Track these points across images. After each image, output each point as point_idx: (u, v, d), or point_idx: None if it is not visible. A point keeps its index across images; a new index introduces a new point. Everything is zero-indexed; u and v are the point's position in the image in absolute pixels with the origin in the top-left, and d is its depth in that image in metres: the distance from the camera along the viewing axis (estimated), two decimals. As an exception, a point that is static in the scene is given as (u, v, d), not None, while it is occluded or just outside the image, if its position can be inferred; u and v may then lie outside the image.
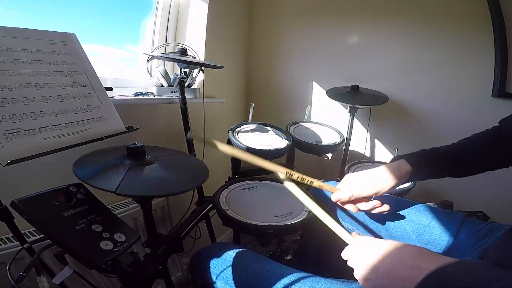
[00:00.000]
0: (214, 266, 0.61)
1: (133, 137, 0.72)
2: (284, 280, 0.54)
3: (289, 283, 0.53)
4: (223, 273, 0.59)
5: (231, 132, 1.05)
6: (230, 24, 1.52)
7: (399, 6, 1.36)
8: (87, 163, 0.61)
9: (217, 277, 0.59)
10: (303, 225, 0.75)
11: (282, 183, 0.62)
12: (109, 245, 0.47)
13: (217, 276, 0.60)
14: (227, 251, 0.63)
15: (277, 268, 0.57)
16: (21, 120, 0.51)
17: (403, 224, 0.70)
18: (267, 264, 0.59)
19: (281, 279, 0.54)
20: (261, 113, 1.58)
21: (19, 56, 0.55)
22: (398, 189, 1.04)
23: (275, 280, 0.54)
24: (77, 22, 1.01)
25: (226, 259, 0.61)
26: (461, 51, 1.27)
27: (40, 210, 0.46)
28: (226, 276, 0.58)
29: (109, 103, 0.70)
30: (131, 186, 0.55)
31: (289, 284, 0.53)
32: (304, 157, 1.30)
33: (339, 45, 1.50)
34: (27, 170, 0.66)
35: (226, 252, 0.63)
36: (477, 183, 1.29)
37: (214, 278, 0.60)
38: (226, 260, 0.61)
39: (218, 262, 0.61)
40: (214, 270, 0.61)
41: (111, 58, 1.16)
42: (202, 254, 0.66)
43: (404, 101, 1.40)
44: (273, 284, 0.54)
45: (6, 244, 0.64)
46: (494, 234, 0.57)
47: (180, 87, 0.99)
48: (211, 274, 0.61)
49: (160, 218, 1.06)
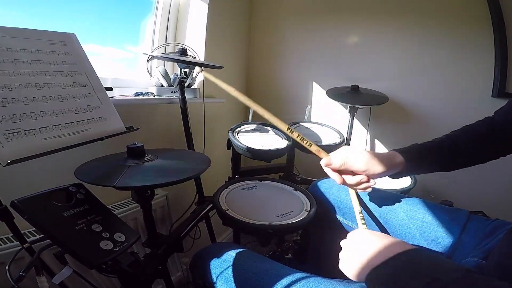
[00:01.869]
0: (214, 266, 0.61)
1: (133, 137, 0.72)
2: (284, 280, 0.54)
3: (290, 283, 0.53)
4: (224, 273, 0.59)
5: (231, 132, 1.05)
6: (230, 24, 1.52)
7: (399, 6, 1.36)
8: (88, 168, 0.62)
9: (217, 277, 0.60)
10: (303, 224, 0.75)
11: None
12: (109, 245, 0.47)
13: (217, 276, 0.60)
14: (228, 251, 0.63)
15: (278, 269, 0.57)
16: (21, 120, 0.51)
17: (406, 222, 0.70)
18: (268, 264, 0.59)
19: (282, 279, 0.54)
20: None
21: (19, 56, 0.55)
22: (398, 189, 1.04)
23: (276, 280, 0.54)
24: (77, 22, 1.01)
25: (226, 259, 0.61)
26: (461, 51, 1.27)
27: (40, 210, 0.46)
28: (226, 276, 0.59)
29: (109, 103, 0.70)
30: (130, 179, 0.55)
31: (290, 284, 0.53)
32: (304, 157, 1.29)
33: (339, 45, 1.50)
34: (27, 170, 0.66)
35: (226, 252, 0.63)
36: (477, 183, 1.29)
37: (215, 278, 0.60)
38: (226, 261, 0.61)
39: (219, 262, 0.62)
40: (214, 270, 0.61)
41: (111, 58, 1.16)
42: (203, 254, 0.66)
43: (404, 101, 1.40)
44: (274, 284, 0.54)
45: (6, 244, 0.64)
46: (499, 232, 0.57)
47: (180, 87, 0.99)
48: (212, 274, 0.61)
49: (160, 218, 1.06)
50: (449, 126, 1.42)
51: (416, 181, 1.11)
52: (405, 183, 1.10)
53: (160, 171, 0.61)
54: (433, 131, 1.37)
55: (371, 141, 1.50)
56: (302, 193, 0.90)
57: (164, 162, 0.65)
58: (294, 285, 0.53)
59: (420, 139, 0.64)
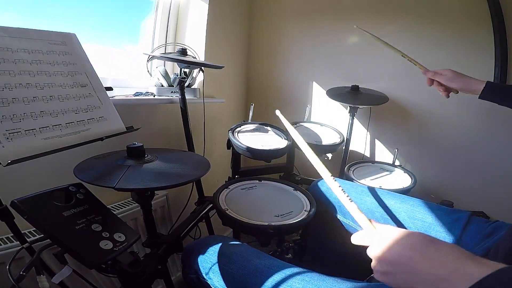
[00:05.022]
0: (209, 260, 0.61)
1: (133, 137, 0.72)
2: (281, 274, 0.54)
3: (287, 277, 0.53)
4: (216, 266, 0.59)
5: (231, 132, 1.05)
6: (230, 24, 1.52)
7: (399, 6, 1.35)
8: (88, 166, 0.62)
9: (210, 270, 0.60)
10: (303, 224, 0.75)
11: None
12: (109, 245, 0.47)
13: (210, 269, 0.60)
14: (222, 245, 0.63)
15: (280, 265, 0.57)
16: (21, 120, 0.51)
17: (407, 222, 0.70)
18: (267, 260, 0.59)
19: (278, 273, 0.54)
20: (261, 113, 1.58)
21: (20, 56, 0.55)
22: (398, 189, 1.04)
23: (271, 275, 0.54)
24: (77, 22, 1.01)
25: (224, 253, 0.61)
26: (461, 51, 1.26)
27: (40, 210, 0.46)
28: (216, 269, 0.59)
29: (109, 103, 0.70)
30: (130, 181, 0.55)
31: (288, 278, 0.53)
32: (304, 157, 1.29)
33: (339, 45, 1.50)
34: (27, 170, 0.66)
35: (221, 245, 0.63)
36: (477, 183, 1.29)
37: (209, 272, 0.60)
38: (214, 253, 0.61)
39: (213, 256, 0.62)
40: (208, 264, 0.61)
41: (111, 58, 1.16)
42: (196, 248, 0.66)
43: (404, 101, 1.40)
44: (275, 280, 0.54)
45: (6, 244, 0.64)
46: (499, 233, 0.57)
47: (180, 87, 0.99)
48: (202, 268, 0.61)
49: (160, 218, 1.06)
50: (449, 126, 1.42)
51: (416, 181, 1.11)
52: (405, 183, 1.10)
53: (160, 174, 0.61)
54: (433, 131, 1.39)
55: (371, 141, 1.50)
56: (302, 193, 0.91)
57: (163, 165, 0.65)
58: (293, 278, 0.53)
59: (420, 139, 0.64)
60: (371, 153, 1.51)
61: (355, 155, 1.50)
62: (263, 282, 0.54)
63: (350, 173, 1.16)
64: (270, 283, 0.53)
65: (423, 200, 0.74)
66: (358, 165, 1.24)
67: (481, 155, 1.26)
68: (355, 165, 1.24)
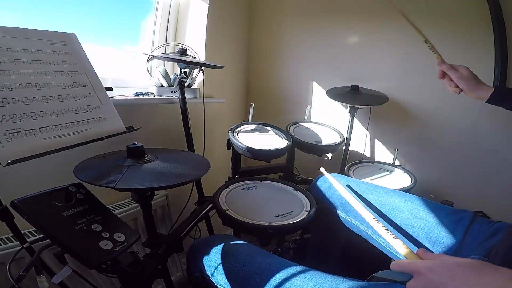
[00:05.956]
0: (214, 258, 0.62)
1: (133, 137, 0.72)
2: (283, 272, 0.55)
3: (289, 275, 0.54)
4: (221, 265, 0.59)
5: (231, 132, 1.05)
6: (230, 24, 1.52)
7: (399, 6, 1.35)
8: (88, 167, 0.61)
9: (215, 269, 0.60)
10: (303, 224, 0.75)
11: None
12: (109, 245, 0.47)
13: (215, 268, 0.60)
14: (226, 244, 0.63)
15: (283, 263, 0.58)
16: (21, 120, 0.51)
17: (411, 221, 0.70)
18: (270, 259, 0.59)
19: (287, 274, 0.54)
20: (261, 113, 1.58)
21: (20, 56, 0.55)
22: (398, 189, 1.04)
23: (273, 273, 0.55)
24: (77, 22, 1.01)
25: (229, 251, 0.62)
26: (461, 51, 1.26)
27: (40, 210, 0.46)
28: (220, 268, 0.59)
29: (109, 103, 0.70)
30: (130, 181, 0.55)
31: (290, 277, 0.53)
32: (304, 157, 1.30)
33: (339, 45, 1.50)
34: (27, 170, 0.66)
35: (225, 244, 0.63)
36: (477, 183, 1.29)
37: (214, 271, 0.60)
38: (219, 252, 0.62)
39: (218, 254, 0.62)
40: (214, 262, 0.61)
41: (111, 58, 1.16)
42: (201, 246, 0.66)
43: (404, 101, 1.39)
44: (279, 278, 0.54)
45: (6, 244, 0.64)
46: (501, 234, 0.57)
47: (180, 87, 0.99)
48: (210, 267, 0.61)
49: (160, 218, 1.06)
50: (449, 126, 1.42)
51: (416, 181, 1.11)
52: (405, 183, 1.10)
53: (160, 174, 0.61)
54: (433, 131, 1.39)
55: (371, 141, 1.50)
56: (302, 193, 0.91)
57: (163, 165, 0.65)
58: (295, 277, 0.53)
59: (420, 139, 0.64)
60: (371, 153, 1.51)
61: (355, 155, 1.50)
62: (266, 280, 0.54)
63: (350, 173, 1.16)
64: (272, 281, 0.53)
65: (427, 199, 0.74)
66: (358, 165, 1.24)
67: (481, 155, 1.26)
68: (355, 165, 1.24)
